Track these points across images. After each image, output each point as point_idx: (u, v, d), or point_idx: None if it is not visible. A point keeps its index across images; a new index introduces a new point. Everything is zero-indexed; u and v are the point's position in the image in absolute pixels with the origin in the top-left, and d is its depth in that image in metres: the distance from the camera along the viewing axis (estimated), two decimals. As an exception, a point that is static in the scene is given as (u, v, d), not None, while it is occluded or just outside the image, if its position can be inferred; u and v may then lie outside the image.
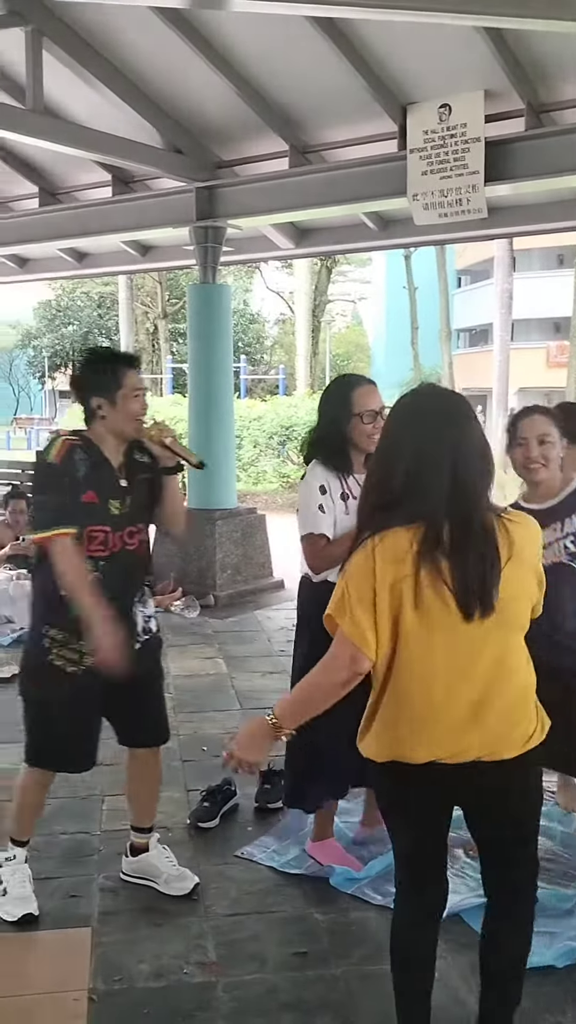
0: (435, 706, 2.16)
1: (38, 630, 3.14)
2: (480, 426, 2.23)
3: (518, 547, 2.17)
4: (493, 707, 2.16)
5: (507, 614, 2.16)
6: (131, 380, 3.12)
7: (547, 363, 34.99)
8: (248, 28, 6.34)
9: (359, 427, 3.31)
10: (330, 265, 32.04)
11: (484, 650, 2.15)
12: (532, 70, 6.12)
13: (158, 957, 2.96)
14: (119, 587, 3.12)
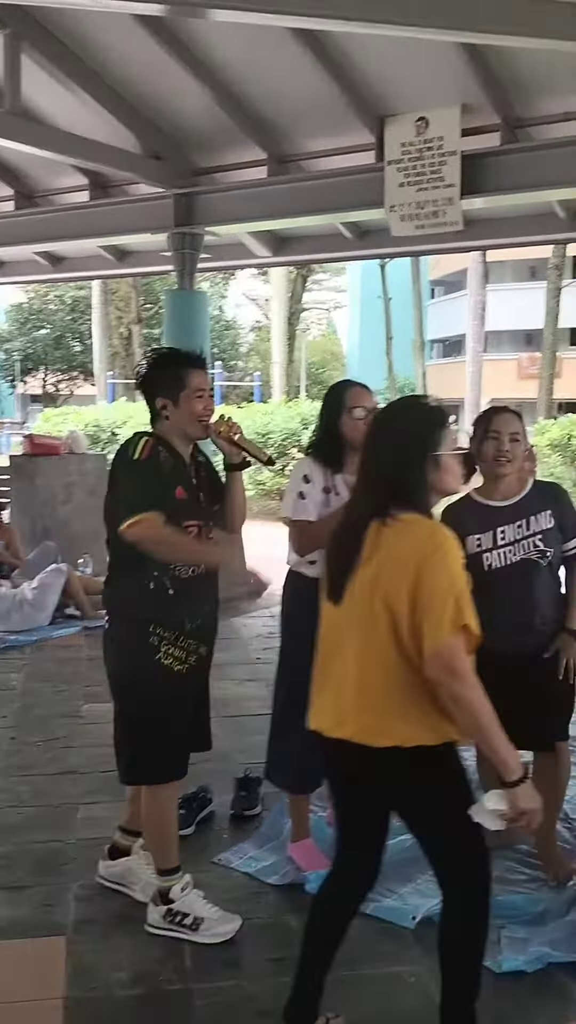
0: (317, 678, 2.45)
1: (141, 630, 3.04)
2: (418, 434, 2.36)
3: (383, 552, 2.28)
4: (352, 694, 2.32)
5: (362, 611, 2.30)
6: (195, 380, 3.12)
7: (519, 374, 35.34)
8: (229, 37, 6.38)
9: (350, 422, 3.43)
10: (305, 273, 32.20)
11: (345, 638, 2.36)
12: (508, 86, 6.21)
13: (134, 965, 2.96)
14: (211, 584, 3.16)
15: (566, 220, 7.19)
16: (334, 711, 2.38)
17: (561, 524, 3.40)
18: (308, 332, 47.28)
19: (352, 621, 2.33)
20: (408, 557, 2.25)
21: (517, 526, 3.38)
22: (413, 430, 2.36)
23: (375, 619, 2.28)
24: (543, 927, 3.14)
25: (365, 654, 2.30)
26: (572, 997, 2.84)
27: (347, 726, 2.33)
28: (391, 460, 2.34)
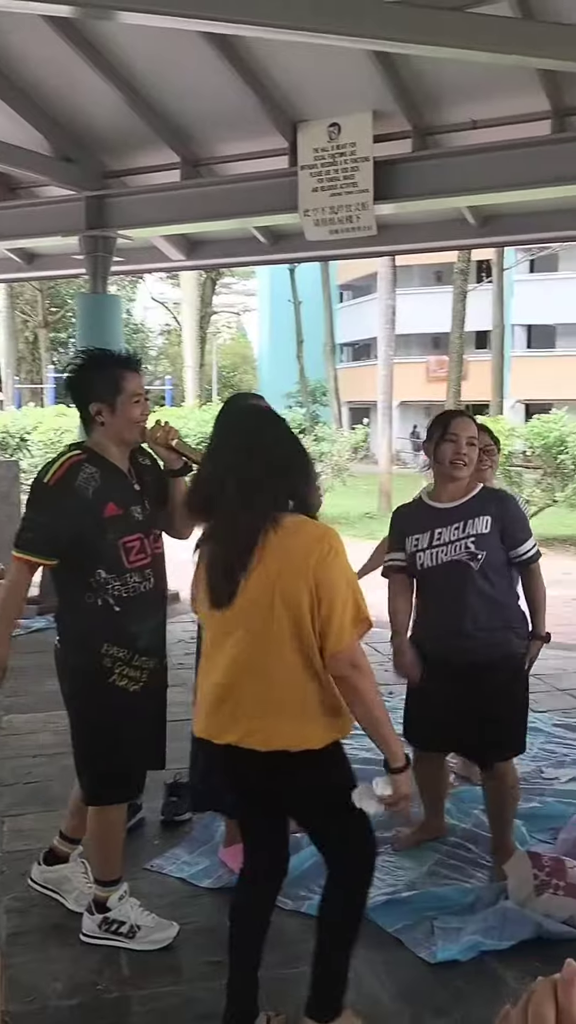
0: (202, 684, 2.44)
1: (94, 653, 2.95)
2: (280, 439, 2.40)
3: (277, 555, 2.27)
4: (240, 699, 2.33)
5: (258, 615, 2.29)
6: (132, 384, 3.02)
7: (427, 377, 35.90)
8: (141, 40, 6.34)
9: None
10: (215, 277, 32.18)
11: (228, 643, 2.35)
12: (418, 94, 6.32)
13: (71, 975, 2.93)
14: (161, 596, 3.12)
15: (475, 226, 7.34)
16: (221, 717, 2.38)
17: (504, 531, 3.41)
18: (218, 336, 47.23)
19: (244, 626, 2.32)
20: (303, 559, 2.28)
21: (455, 528, 3.40)
22: (294, 437, 2.43)
23: (273, 622, 2.29)
24: (475, 916, 3.21)
25: (258, 659, 2.31)
26: (505, 983, 2.91)
27: (235, 731, 2.35)
28: (283, 469, 2.35)
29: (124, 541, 2.98)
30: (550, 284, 35.07)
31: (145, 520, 3.06)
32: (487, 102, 6.19)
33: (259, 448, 2.36)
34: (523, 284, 35.02)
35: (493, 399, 25.01)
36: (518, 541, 3.46)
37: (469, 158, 6.35)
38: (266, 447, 2.36)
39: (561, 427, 12.81)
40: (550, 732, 5.09)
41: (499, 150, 6.21)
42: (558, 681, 6.15)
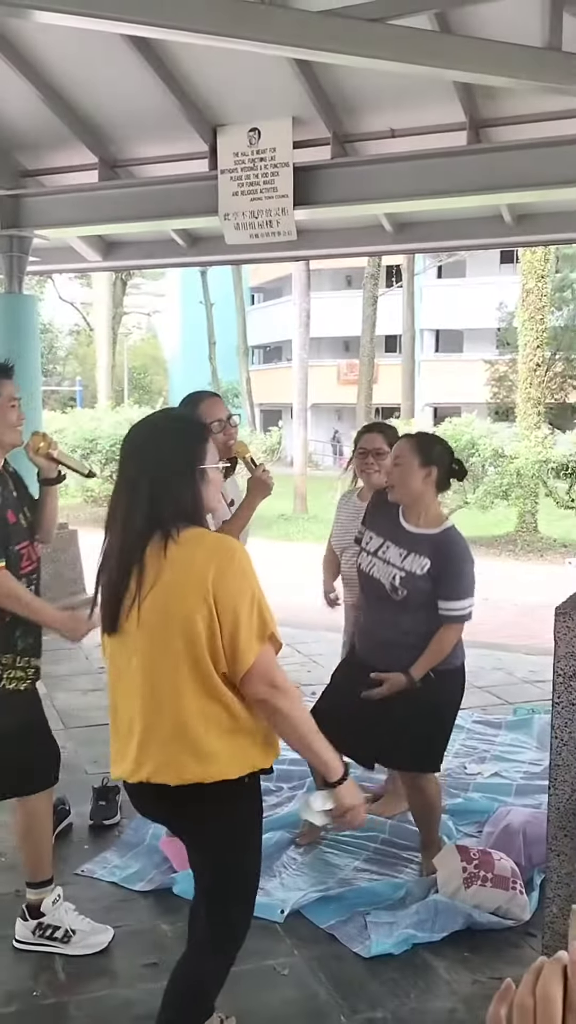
0: (112, 722, 2.26)
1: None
2: (177, 450, 2.21)
3: (171, 573, 2.10)
4: (144, 732, 2.15)
5: (153, 639, 2.11)
6: (6, 390, 3.09)
7: (338, 380, 36.25)
8: (59, 39, 6.27)
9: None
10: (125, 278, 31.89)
11: (130, 671, 2.15)
12: (337, 101, 6.40)
13: (5, 982, 2.91)
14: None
15: (392, 233, 7.46)
16: (128, 755, 2.19)
17: (437, 582, 3.33)
18: (129, 336, 46.81)
19: (139, 651, 2.13)
20: (201, 573, 2.09)
21: (400, 552, 3.38)
22: (178, 446, 2.22)
23: (171, 649, 2.10)
24: (406, 910, 3.28)
25: (158, 685, 2.12)
26: (438, 974, 2.99)
27: (144, 768, 2.16)
28: (159, 480, 2.16)
29: (19, 548, 3.03)
30: (457, 290, 35.77)
31: (28, 527, 3.13)
32: (405, 112, 6.31)
33: (140, 461, 2.21)
34: (431, 289, 35.65)
35: (404, 402, 25.40)
36: (447, 596, 3.34)
37: (387, 166, 6.46)
38: (149, 460, 2.19)
39: (472, 430, 13.10)
40: (471, 729, 5.22)
41: (416, 159, 6.33)
42: (476, 678, 6.28)
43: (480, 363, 31.28)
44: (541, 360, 16.41)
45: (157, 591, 2.10)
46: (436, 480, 3.38)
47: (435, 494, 3.43)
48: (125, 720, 2.20)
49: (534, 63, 4.97)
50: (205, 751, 2.12)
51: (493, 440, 13.01)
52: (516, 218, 7.06)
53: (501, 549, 13.88)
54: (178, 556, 2.10)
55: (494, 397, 29.57)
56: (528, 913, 3.29)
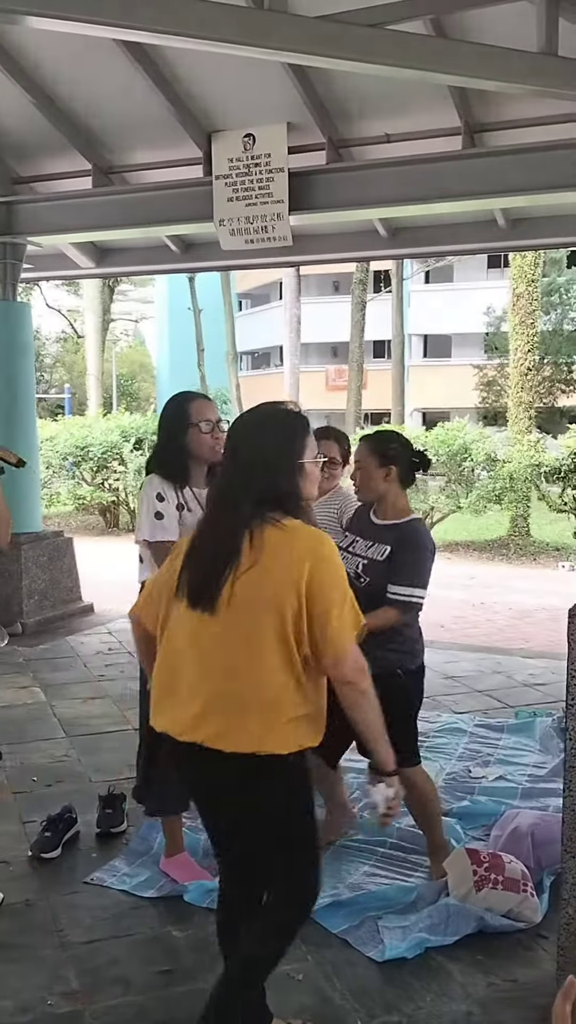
0: (165, 679, 2.38)
1: None
2: (283, 441, 2.36)
3: (266, 555, 2.25)
4: (212, 698, 2.27)
5: (244, 616, 2.25)
6: None
7: (326, 386, 36.31)
8: (54, 45, 6.28)
9: (197, 436, 3.45)
10: (112, 284, 31.84)
11: (204, 641, 2.29)
12: (332, 107, 6.43)
13: (19, 992, 2.88)
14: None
15: (386, 238, 7.48)
16: (187, 714, 2.30)
17: (391, 562, 3.39)
18: (117, 343, 46.76)
19: (227, 626, 2.26)
20: (298, 563, 2.24)
21: (366, 543, 3.48)
22: (284, 438, 2.37)
23: (260, 624, 2.24)
24: (418, 914, 3.27)
25: (238, 660, 2.25)
26: (453, 977, 2.98)
27: (202, 730, 2.28)
28: (263, 469, 2.32)
29: None
30: (445, 295, 35.90)
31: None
32: (401, 117, 6.34)
33: (250, 449, 2.35)
34: (419, 295, 35.77)
35: (394, 408, 25.42)
36: (395, 580, 3.37)
37: (382, 171, 6.49)
38: (250, 447, 2.35)
39: (464, 435, 13.11)
40: (473, 732, 5.21)
41: (412, 164, 6.36)
42: (475, 683, 6.30)
43: (468, 368, 31.40)
44: (532, 364, 16.46)
45: (253, 572, 2.24)
46: (398, 476, 3.47)
47: (399, 489, 3.51)
48: (186, 682, 2.31)
49: (529, 68, 4.98)
50: (271, 724, 2.25)
51: (485, 444, 13.02)
52: (510, 222, 7.10)
53: (494, 553, 13.90)
54: (277, 543, 2.26)
55: (483, 402, 29.69)
56: (539, 915, 3.29)
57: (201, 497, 3.46)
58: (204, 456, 3.45)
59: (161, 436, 3.55)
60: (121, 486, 15.22)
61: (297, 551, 2.26)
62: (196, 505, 3.43)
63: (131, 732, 5.27)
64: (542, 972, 3.00)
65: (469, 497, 13.08)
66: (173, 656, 2.36)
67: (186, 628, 2.33)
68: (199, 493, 3.47)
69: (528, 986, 2.94)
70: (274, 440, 2.35)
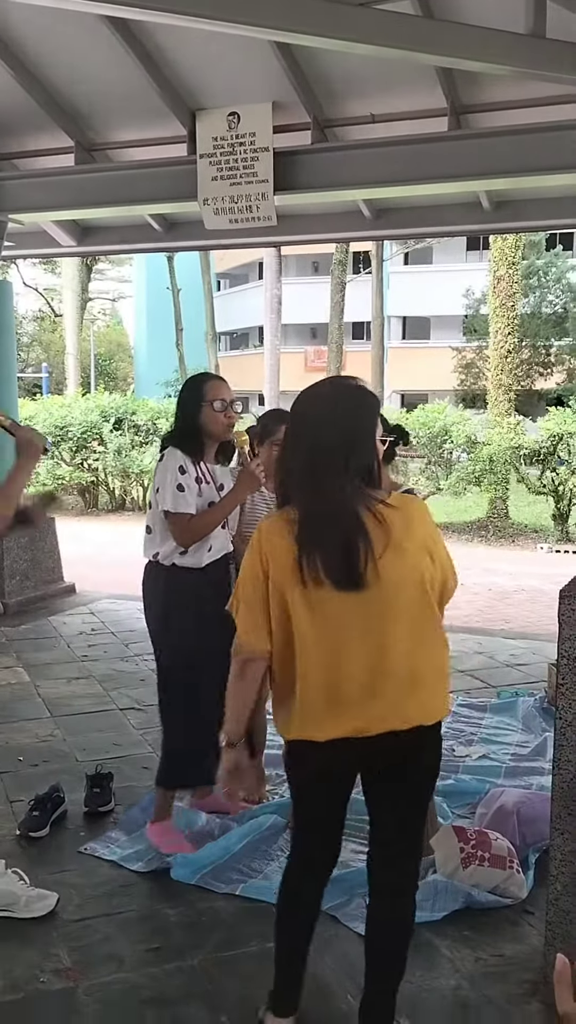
0: (328, 684, 2.26)
1: None
2: (364, 416, 2.31)
3: (396, 535, 2.24)
4: (385, 685, 2.24)
5: (391, 600, 2.24)
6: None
7: (305, 367, 36.24)
8: (35, 19, 6.20)
9: (211, 414, 3.50)
10: (90, 263, 31.59)
11: (373, 626, 2.24)
12: (318, 86, 6.39)
13: (10, 970, 2.89)
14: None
15: (370, 219, 7.46)
16: (358, 712, 2.25)
17: None
18: (95, 323, 46.43)
19: (386, 607, 2.24)
20: (422, 532, 2.31)
21: None
22: (368, 414, 2.33)
23: (419, 598, 2.27)
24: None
25: (412, 637, 2.25)
26: (440, 952, 3.02)
27: (390, 719, 2.25)
28: (360, 447, 2.29)
29: None
30: (424, 276, 35.87)
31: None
32: (386, 97, 6.31)
33: (332, 426, 2.28)
34: (398, 276, 35.73)
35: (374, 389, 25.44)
36: None
37: (368, 151, 6.45)
38: (340, 424, 2.28)
39: (444, 417, 13.16)
40: (456, 712, 5.26)
41: (397, 145, 6.34)
42: (457, 663, 6.35)
43: (447, 350, 31.45)
44: (512, 347, 16.52)
45: (392, 553, 2.23)
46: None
47: (382, 467, 3.47)
48: (354, 677, 2.25)
49: (517, 49, 4.98)
50: (438, 691, 2.34)
51: (466, 427, 13.08)
52: (494, 204, 7.10)
53: (473, 535, 13.98)
54: (397, 519, 2.26)
55: (461, 384, 29.76)
56: (525, 891, 3.34)
57: (213, 472, 3.57)
58: (217, 434, 3.55)
59: (178, 413, 3.62)
60: (101, 466, 15.18)
61: (415, 521, 2.31)
62: (211, 480, 3.55)
63: (116, 712, 5.31)
64: (528, 947, 3.05)
65: (449, 479, 13.15)
66: (317, 658, 2.26)
67: (336, 613, 2.25)
68: (212, 469, 3.59)
69: (515, 961, 2.99)
70: (357, 416, 2.31)
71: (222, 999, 2.77)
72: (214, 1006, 2.74)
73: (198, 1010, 2.72)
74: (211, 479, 3.54)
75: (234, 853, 3.58)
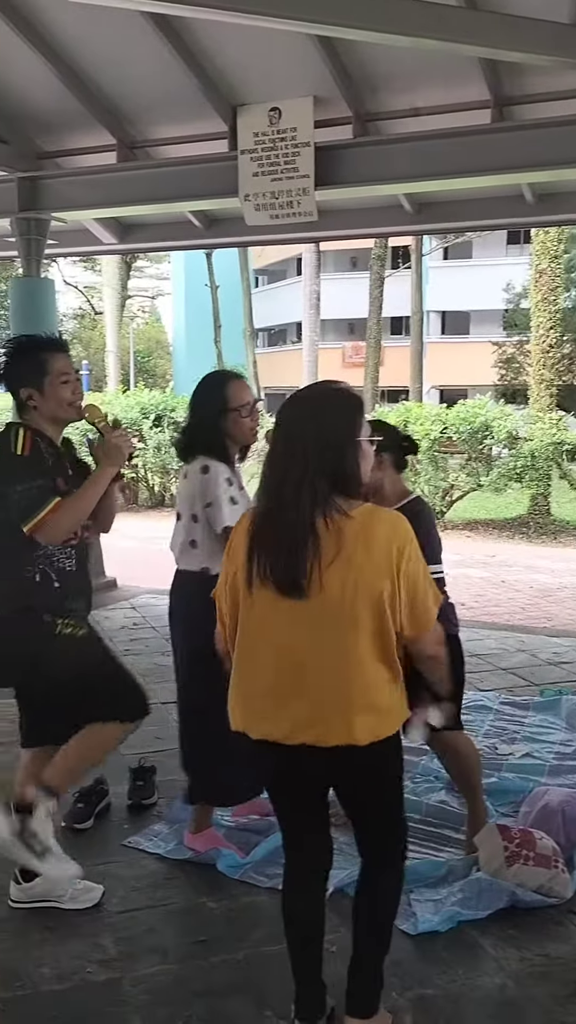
0: (256, 687, 2.34)
1: (34, 618, 3.03)
2: (340, 420, 2.29)
3: (349, 542, 2.21)
4: (314, 695, 2.25)
5: (330, 613, 2.22)
6: (58, 364, 3.07)
7: (343, 362, 36.17)
8: (78, 17, 6.23)
9: (238, 421, 3.45)
10: (129, 260, 31.77)
11: (292, 635, 2.25)
12: (360, 79, 6.35)
13: (57, 960, 2.92)
14: (85, 576, 3.16)
15: (411, 213, 7.43)
16: (290, 715, 2.28)
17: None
18: (134, 320, 46.70)
19: (315, 619, 2.23)
20: (386, 550, 2.23)
21: None
22: (344, 418, 2.29)
23: (355, 615, 2.23)
24: (450, 888, 3.30)
25: (335, 651, 2.23)
26: (485, 951, 3.01)
27: (313, 730, 2.26)
28: (327, 451, 2.24)
29: None
30: (464, 271, 35.64)
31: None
32: (429, 90, 6.26)
33: (307, 432, 2.26)
34: (437, 271, 35.54)
35: (412, 385, 25.33)
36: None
37: (410, 145, 6.41)
38: (316, 431, 2.26)
39: (486, 413, 13.06)
40: (498, 710, 5.22)
41: (440, 138, 6.28)
42: (499, 660, 6.31)
43: (487, 345, 31.19)
44: (554, 341, 16.36)
45: (340, 565, 2.20)
46: (392, 463, 3.39)
47: (394, 474, 3.44)
48: (280, 682, 2.29)
49: (561, 39, 4.93)
50: (384, 709, 2.30)
51: (507, 422, 12.96)
52: (537, 197, 7.03)
53: (514, 532, 13.87)
54: (358, 532, 2.22)
55: (502, 379, 29.50)
56: (570, 891, 3.30)
57: (240, 475, 3.52)
58: (244, 439, 3.51)
59: (195, 417, 3.53)
60: (141, 463, 15.25)
61: (383, 536, 2.24)
62: (241, 483, 3.51)
63: (159, 706, 5.26)
64: (573, 947, 3.03)
65: (490, 475, 13.05)
66: (254, 653, 2.33)
67: (269, 620, 2.29)
68: (237, 472, 3.54)
69: (560, 961, 2.96)
70: (335, 420, 2.28)
71: (267, 994, 2.77)
72: (260, 1000, 2.74)
73: (244, 1004, 2.73)
74: (241, 483, 3.50)
75: (278, 847, 3.57)
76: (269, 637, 2.30)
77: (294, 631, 2.26)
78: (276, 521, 2.26)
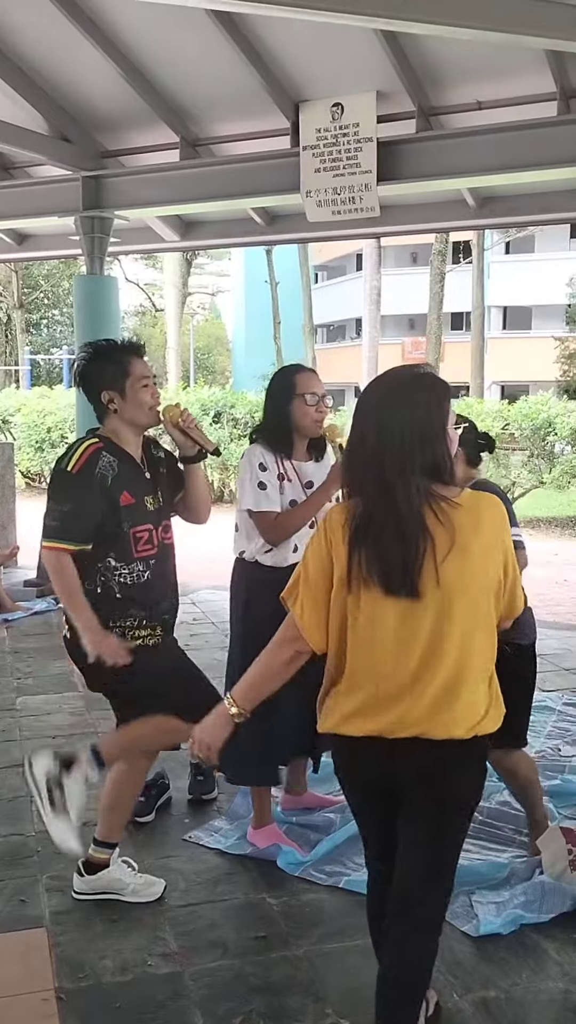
0: (370, 682, 2.19)
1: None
2: (433, 406, 2.18)
3: (461, 533, 2.12)
4: (430, 689, 2.14)
5: (448, 607, 2.12)
6: (138, 368, 3.12)
7: (403, 358, 35.95)
8: (141, 16, 6.29)
9: (302, 408, 3.46)
10: (190, 258, 31.97)
11: (414, 630, 2.13)
12: (423, 73, 6.31)
13: (119, 952, 2.95)
14: (167, 584, 3.19)
15: (474, 207, 7.35)
16: (401, 710, 2.16)
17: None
18: (194, 317, 46.98)
19: (436, 611, 2.12)
20: (496, 535, 2.18)
21: None
22: (435, 403, 2.19)
23: (477, 605, 2.16)
24: (512, 891, 3.26)
25: (456, 643, 2.14)
26: (548, 955, 2.96)
27: (411, 726, 2.16)
28: (426, 442, 2.15)
29: (135, 531, 3.08)
30: (526, 265, 35.19)
31: (156, 511, 3.17)
32: (493, 83, 6.20)
33: (394, 418, 2.15)
34: (499, 265, 35.14)
35: (473, 380, 25.10)
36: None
37: (474, 139, 6.36)
38: (402, 416, 2.15)
39: (548, 409, 12.89)
40: (561, 711, 5.16)
41: (504, 131, 6.23)
42: (562, 661, 6.22)
43: (549, 340, 30.76)
44: (618, 336, 16.07)
45: (456, 554, 2.11)
46: (464, 458, 3.30)
47: (465, 467, 3.34)
48: (394, 677, 2.16)
49: (630, 29, 4.83)
50: (485, 701, 2.20)
51: (571, 419, 12.77)
52: (603, 190, 6.91)
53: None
54: (466, 520, 2.14)
55: (564, 375, 29.08)
56: None
57: (300, 470, 3.49)
58: (307, 428, 3.49)
59: (267, 407, 3.58)
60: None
61: (489, 523, 2.18)
62: (295, 477, 3.48)
63: (219, 702, 5.35)
64: None
65: (552, 472, 12.87)
66: (362, 650, 2.20)
67: (381, 620, 2.16)
68: (299, 466, 3.51)
69: (626, 966, 2.91)
70: (430, 408, 2.17)
71: (328, 991, 2.77)
72: (320, 998, 2.74)
73: (303, 1001, 2.73)
74: (295, 476, 3.46)
75: (338, 845, 3.57)
76: (382, 637, 2.17)
77: (409, 628, 2.14)
78: (382, 519, 2.14)
